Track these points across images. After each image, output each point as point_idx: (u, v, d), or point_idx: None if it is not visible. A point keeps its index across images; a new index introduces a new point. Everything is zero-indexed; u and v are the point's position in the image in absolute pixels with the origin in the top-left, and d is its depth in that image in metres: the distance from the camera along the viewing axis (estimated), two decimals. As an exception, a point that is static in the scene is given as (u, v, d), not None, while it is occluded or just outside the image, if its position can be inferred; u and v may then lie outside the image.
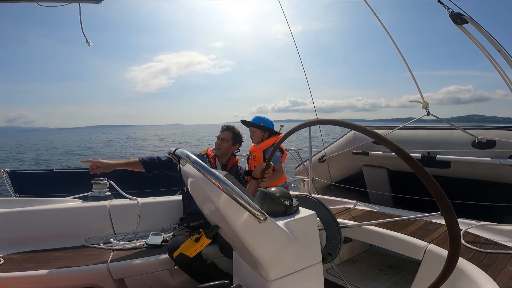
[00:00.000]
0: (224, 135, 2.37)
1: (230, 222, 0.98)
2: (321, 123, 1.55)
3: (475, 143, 2.44)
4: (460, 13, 2.07)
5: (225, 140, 2.36)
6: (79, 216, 2.29)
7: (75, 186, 2.77)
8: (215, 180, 0.91)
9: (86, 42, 1.98)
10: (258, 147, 2.63)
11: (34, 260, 1.88)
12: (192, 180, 1.16)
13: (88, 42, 2.00)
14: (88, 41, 2.00)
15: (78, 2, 1.75)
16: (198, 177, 1.02)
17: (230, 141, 2.37)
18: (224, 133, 2.38)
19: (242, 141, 2.49)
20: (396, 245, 1.76)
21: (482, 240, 1.68)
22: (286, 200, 1.15)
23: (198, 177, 1.02)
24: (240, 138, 2.45)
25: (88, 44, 1.99)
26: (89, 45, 1.98)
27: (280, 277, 1.10)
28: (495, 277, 1.28)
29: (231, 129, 2.41)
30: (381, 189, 3.08)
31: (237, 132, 2.43)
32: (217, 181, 0.91)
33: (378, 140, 1.10)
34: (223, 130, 2.41)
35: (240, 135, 2.46)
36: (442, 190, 0.92)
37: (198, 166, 0.95)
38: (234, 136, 2.40)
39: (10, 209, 2.18)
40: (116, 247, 2.07)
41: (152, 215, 2.42)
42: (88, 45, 1.97)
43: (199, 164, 0.95)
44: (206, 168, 0.94)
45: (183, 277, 1.96)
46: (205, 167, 0.94)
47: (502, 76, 2.07)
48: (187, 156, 1.00)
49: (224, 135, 2.37)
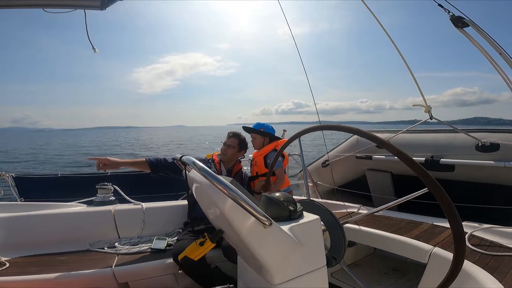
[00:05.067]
0: (231, 141, 2.40)
1: (235, 227, 0.99)
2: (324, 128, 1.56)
3: (478, 146, 2.43)
4: (461, 16, 2.08)
5: (231, 147, 2.39)
6: (84, 220, 2.31)
7: (79, 191, 2.79)
8: (221, 186, 0.93)
9: (92, 48, 2.01)
10: (259, 153, 2.64)
11: (39, 264, 1.90)
12: (197, 186, 1.18)
13: (94, 49, 2.04)
14: (94, 48, 2.03)
15: (84, 9, 1.79)
16: (204, 183, 1.03)
17: (236, 147, 2.40)
18: (230, 140, 2.41)
19: (247, 148, 2.52)
20: (401, 249, 1.76)
21: (487, 243, 1.67)
22: (290, 205, 1.15)
23: (204, 183, 1.04)
24: (245, 144, 2.49)
25: (94, 51, 2.02)
26: (95, 51, 2.01)
27: (285, 281, 1.10)
28: (501, 279, 1.27)
29: (237, 136, 2.44)
30: (385, 193, 3.07)
31: (243, 139, 2.47)
32: (223, 187, 0.93)
33: (381, 145, 1.11)
34: (230, 136, 2.45)
35: (246, 142, 2.50)
36: (446, 193, 0.92)
37: (205, 172, 0.96)
38: (240, 142, 2.43)
39: (16, 214, 2.20)
40: (120, 252, 2.08)
41: (156, 220, 2.44)
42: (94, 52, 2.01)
43: (205, 170, 0.97)
44: (212, 174, 0.96)
45: (187, 282, 1.96)
46: (211, 173, 0.96)
47: (504, 79, 2.07)
48: (194, 163, 1.02)
49: (230, 141, 2.40)
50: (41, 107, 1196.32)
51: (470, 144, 2.50)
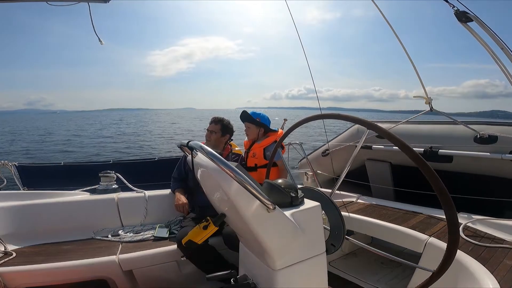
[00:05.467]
0: (212, 127, 2.46)
1: (240, 210, 1.02)
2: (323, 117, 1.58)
3: (477, 138, 2.45)
4: (465, 11, 2.08)
5: (213, 132, 2.44)
6: (88, 209, 2.34)
7: (82, 180, 2.81)
8: (228, 170, 0.96)
9: (99, 41, 2.01)
10: (259, 145, 2.61)
11: (45, 253, 1.94)
12: (203, 170, 1.21)
13: (101, 41, 2.03)
14: (101, 40, 2.03)
15: (88, 2, 1.79)
16: (211, 167, 1.07)
17: (219, 132, 2.45)
18: (211, 126, 2.47)
19: (233, 131, 2.57)
20: (397, 238, 1.80)
21: (481, 234, 1.71)
22: (292, 191, 1.18)
23: (210, 167, 1.07)
24: (230, 128, 2.53)
25: (101, 43, 2.02)
26: (101, 44, 2.01)
27: (286, 266, 1.14)
28: (493, 270, 1.32)
29: (219, 122, 2.47)
30: (384, 183, 3.10)
31: (226, 124, 2.50)
32: (230, 171, 0.96)
33: (381, 133, 1.13)
34: (211, 122, 2.49)
35: (231, 126, 2.54)
36: (443, 184, 0.94)
37: (213, 156, 1.00)
38: (223, 127, 2.47)
39: (20, 202, 2.22)
40: (124, 240, 2.13)
41: (158, 208, 2.47)
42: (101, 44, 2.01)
43: (213, 155, 1.00)
44: (220, 158, 0.99)
45: (190, 269, 2.01)
46: (219, 157, 0.99)
47: (504, 73, 2.08)
48: (201, 147, 1.05)
49: (212, 127, 2.46)
50: (57, 91, 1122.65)
51: (469, 135, 2.52)
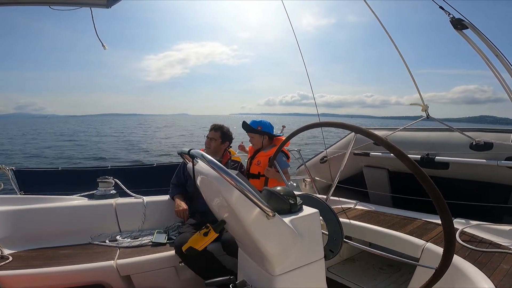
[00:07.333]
0: (212, 134, 2.47)
1: (240, 217, 1.03)
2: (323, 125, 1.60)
3: (473, 145, 2.48)
4: (460, 18, 2.11)
5: (213, 139, 2.45)
6: (85, 214, 2.33)
7: (80, 185, 2.81)
8: (229, 178, 0.97)
9: (102, 46, 2.03)
10: (265, 154, 2.60)
11: (42, 258, 1.93)
12: (203, 177, 1.22)
13: (104, 46, 2.06)
14: (104, 45, 2.05)
15: (90, 7, 1.81)
16: (211, 175, 1.08)
17: (219, 140, 2.46)
18: (211, 133, 2.48)
19: (232, 139, 2.58)
20: (395, 244, 1.81)
21: (478, 239, 1.73)
22: (291, 198, 1.20)
23: (211, 175, 1.09)
24: (229, 136, 2.54)
25: (104, 47, 2.04)
26: (104, 48, 2.04)
27: (285, 272, 1.15)
28: (490, 275, 1.33)
29: (219, 129, 2.49)
30: (381, 189, 3.12)
31: (226, 131, 2.51)
32: (230, 178, 0.97)
33: (378, 141, 1.15)
34: (211, 129, 2.50)
35: (230, 133, 2.55)
36: (438, 190, 0.96)
37: (214, 165, 1.01)
38: (223, 134, 2.48)
39: (17, 207, 2.21)
40: (122, 245, 2.12)
41: (156, 214, 2.47)
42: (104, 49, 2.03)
43: (214, 163, 1.01)
44: (221, 166, 1.00)
45: (188, 274, 2.01)
46: (220, 166, 1.01)
47: (499, 80, 2.11)
48: (202, 156, 1.06)
49: (211, 134, 2.47)
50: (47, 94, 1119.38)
51: (464, 142, 2.56)
